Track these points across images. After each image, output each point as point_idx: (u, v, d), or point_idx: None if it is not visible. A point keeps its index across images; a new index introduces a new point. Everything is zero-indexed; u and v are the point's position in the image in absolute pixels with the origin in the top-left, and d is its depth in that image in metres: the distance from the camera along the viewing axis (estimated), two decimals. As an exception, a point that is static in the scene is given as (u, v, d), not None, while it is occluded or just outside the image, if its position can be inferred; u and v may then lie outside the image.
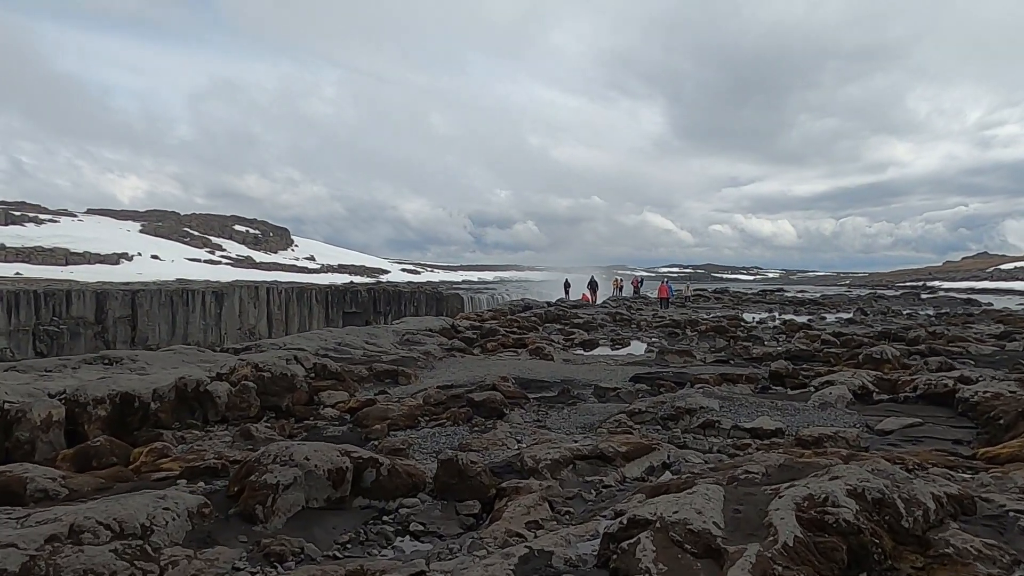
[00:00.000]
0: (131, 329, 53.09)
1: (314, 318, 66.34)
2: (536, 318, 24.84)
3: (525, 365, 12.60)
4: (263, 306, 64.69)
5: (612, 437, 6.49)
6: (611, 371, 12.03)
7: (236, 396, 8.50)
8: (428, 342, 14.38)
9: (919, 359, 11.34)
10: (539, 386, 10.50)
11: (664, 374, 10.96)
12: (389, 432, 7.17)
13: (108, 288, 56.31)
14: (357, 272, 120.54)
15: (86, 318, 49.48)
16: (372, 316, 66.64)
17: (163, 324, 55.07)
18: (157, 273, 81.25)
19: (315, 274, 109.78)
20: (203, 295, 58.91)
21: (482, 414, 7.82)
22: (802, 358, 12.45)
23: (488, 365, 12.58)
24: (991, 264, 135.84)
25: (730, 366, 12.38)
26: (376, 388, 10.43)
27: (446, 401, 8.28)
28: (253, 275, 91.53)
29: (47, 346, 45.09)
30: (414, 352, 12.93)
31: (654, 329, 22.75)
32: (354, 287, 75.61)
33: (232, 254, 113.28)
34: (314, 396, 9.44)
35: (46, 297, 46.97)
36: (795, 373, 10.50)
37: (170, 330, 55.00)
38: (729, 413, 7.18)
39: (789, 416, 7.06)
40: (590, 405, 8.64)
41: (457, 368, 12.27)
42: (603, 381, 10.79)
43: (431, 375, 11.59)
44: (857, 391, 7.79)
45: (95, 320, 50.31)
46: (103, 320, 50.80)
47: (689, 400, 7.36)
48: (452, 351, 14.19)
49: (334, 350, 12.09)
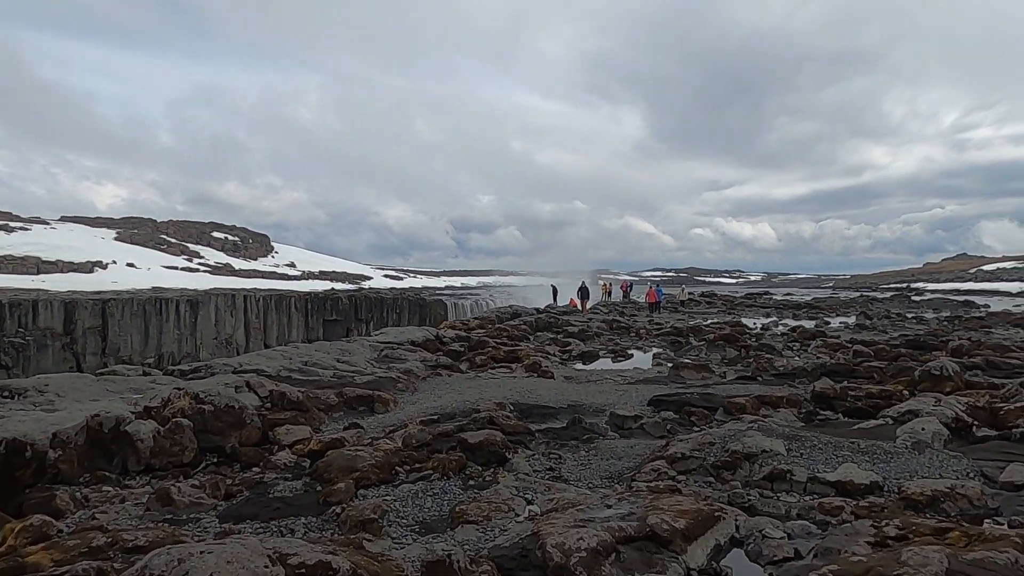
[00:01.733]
0: (101, 340, 50.85)
1: (293, 326, 64.30)
2: (527, 327, 23.15)
3: (523, 385, 10.89)
4: (240, 315, 62.46)
5: (659, 500, 4.79)
6: (623, 392, 10.36)
7: (165, 438, 6.71)
8: (410, 358, 12.62)
9: (980, 374, 9.79)
10: (543, 414, 8.80)
11: (688, 396, 9.30)
12: (357, 491, 5.43)
13: (77, 297, 53.92)
14: (339, 278, 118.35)
15: (54, 329, 47.09)
16: (353, 324, 64.80)
17: (135, 334, 52.85)
18: (132, 281, 78.79)
19: (296, 281, 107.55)
20: (177, 304, 56.63)
21: (478, 460, 6.11)
22: (840, 374, 10.84)
23: (480, 386, 10.86)
24: (972, 265, 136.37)
25: (759, 384, 10.75)
26: (347, 418, 8.67)
27: (432, 442, 6.53)
28: (232, 282, 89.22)
29: (12, 359, 42.78)
30: (393, 371, 11.16)
31: (654, 338, 21.15)
32: (335, 294, 73.57)
33: (210, 261, 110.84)
34: (269, 433, 7.67)
35: (11, 307, 44.52)
36: (843, 394, 8.88)
37: (143, 340, 52.80)
38: (800, 458, 5.52)
39: (878, 462, 5.42)
40: (611, 443, 6.95)
41: (444, 390, 10.54)
42: (618, 406, 9.11)
43: (413, 400, 9.85)
44: (951, 424, 6.19)
45: (63, 331, 47.93)
46: (72, 331, 48.52)
47: (746, 441, 5.69)
48: (437, 368, 12.42)
49: (299, 371, 10.31)
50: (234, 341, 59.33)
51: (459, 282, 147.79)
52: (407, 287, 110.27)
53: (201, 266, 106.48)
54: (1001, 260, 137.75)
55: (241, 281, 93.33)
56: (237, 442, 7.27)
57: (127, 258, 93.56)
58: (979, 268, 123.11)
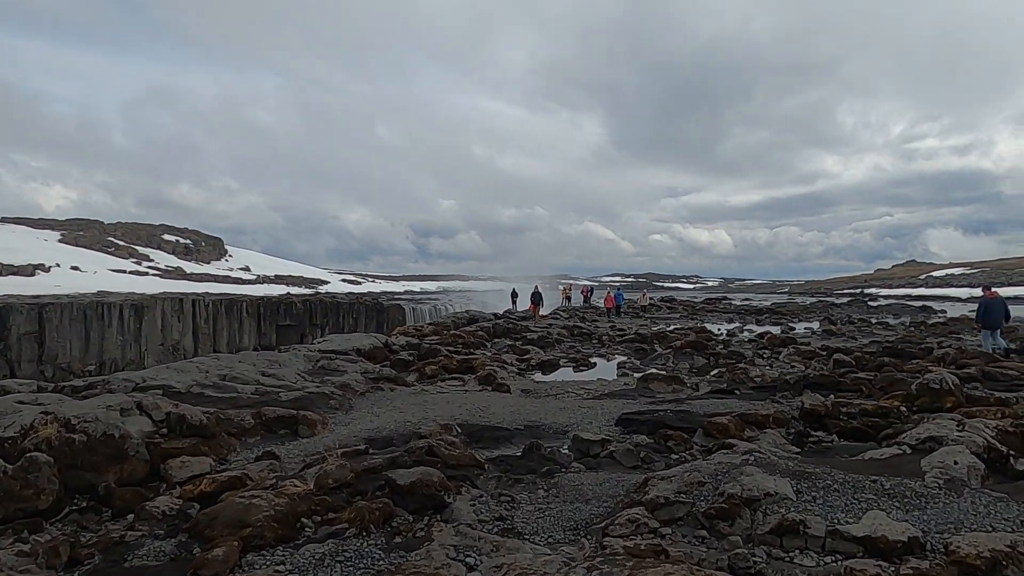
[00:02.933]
0: (38, 347, 48.00)
1: (245, 332, 61.85)
2: (483, 333, 21.91)
3: (474, 401, 9.62)
4: (188, 320, 59.77)
5: (642, 568, 3.60)
6: (587, 409, 9.17)
7: (14, 478, 5.29)
8: (349, 370, 11.25)
9: (979, 387, 8.86)
10: (495, 437, 7.57)
11: (661, 414, 8.16)
12: (243, 556, 4.12)
13: (11, 302, 50.90)
14: (295, 283, 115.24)
15: (-15, 336, 44.27)
16: (308, 329, 62.68)
17: (75, 341, 50.07)
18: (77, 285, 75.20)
19: (250, 285, 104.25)
20: (121, 309, 53.89)
21: (410, 506, 4.84)
22: (825, 386, 9.84)
23: (426, 402, 9.56)
24: (922, 271, 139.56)
25: (737, 398, 9.67)
26: (264, 445, 7.31)
27: (354, 482, 5.23)
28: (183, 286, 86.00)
29: (-63, 369, 39.97)
30: (327, 386, 9.79)
31: (618, 345, 20.10)
32: (289, 299, 71.18)
33: (161, 265, 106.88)
34: (160, 466, 6.28)
35: (-64, 314, 41.67)
36: (835, 411, 7.85)
37: (83, 347, 50.05)
38: (813, 503, 4.40)
39: (911, 508, 4.33)
40: (576, 477, 5.73)
41: (384, 408, 9.21)
42: (582, 427, 7.94)
43: (347, 420, 8.51)
44: (983, 454, 5.16)
45: (-5, 337, 45.09)
46: (6, 337, 45.65)
47: (745, 481, 4.54)
48: (379, 381, 11.04)
49: (214, 387, 8.88)
50: (182, 347, 56.74)
51: (419, 287, 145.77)
52: (365, 292, 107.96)
53: (151, 269, 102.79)
54: (949, 266, 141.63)
55: (193, 285, 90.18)
56: (115, 480, 5.87)
57: (72, 261, 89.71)
58: (929, 274, 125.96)
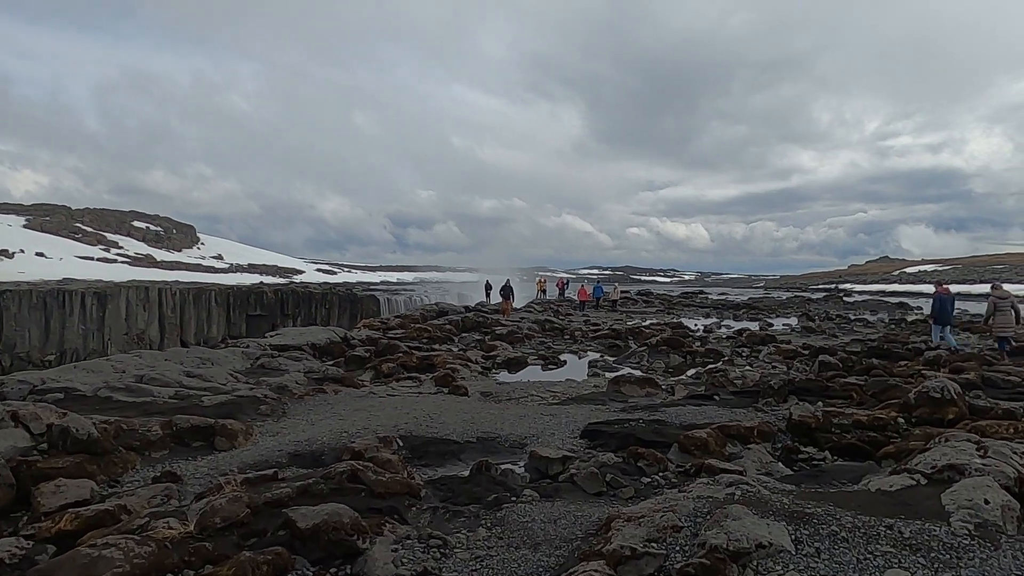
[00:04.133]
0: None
1: (213, 322, 60.31)
2: (452, 327, 20.90)
3: (426, 407, 8.61)
4: (155, 309, 58.09)
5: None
6: (550, 416, 8.20)
7: None
8: (291, 369, 10.18)
9: (981, 395, 8.05)
10: (442, 452, 6.58)
11: (632, 425, 7.23)
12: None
13: (-33, 288, 48.99)
14: (269, 272, 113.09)
15: (-60, 323, 42.51)
16: (279, 319, 61.31)
17: (34, 329, 48.40)
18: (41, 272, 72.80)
19: (222, 274, 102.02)
20: (83, 296, 52.09)
21: (313, 555, 3.85)
22: (812, 392, 8.98)
23: (371, 408, 8.53)
24: (895, 268, 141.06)
25: (716, 404, 8.78)
26: (172, 460, 6.25)
27: (248, 520, 4.23)
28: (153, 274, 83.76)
29: None
30: (262, 388, 8.71)
31: (591, 341, 19.21)
32: (259, 288, 69.59)
33: (130, 252, 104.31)
34: (33, 490, 5.23)
35: None
36: (826, 423, 6.98)
37: (43, 336, 48.41)
38: (818, 558, 3.49)
39: (941, 567, 3.42)
40: (527, 510, 4.78)
41: (322, 415, 8.17)
42: (542, 439, 6.99)
43: (276, 429, 7.46)
44: (1014, 487, 4.28)
45: (-50, 326, 43.34)
46: (-38, 325, 43.96)
47: (730, 527, 3.62)
48: (324, 382, 9.93)
49: (127, 389, 7.78)
50: (147, 337, 55.14)
51: (395, 277, 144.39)
52: (341, 282, 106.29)
53: (119, 257, 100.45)
54: (921, 263, 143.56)
55: (163, 273, 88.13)
56: (-35, 511, 4.81)
57: (37, 247, 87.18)
58: (902, 270, 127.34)
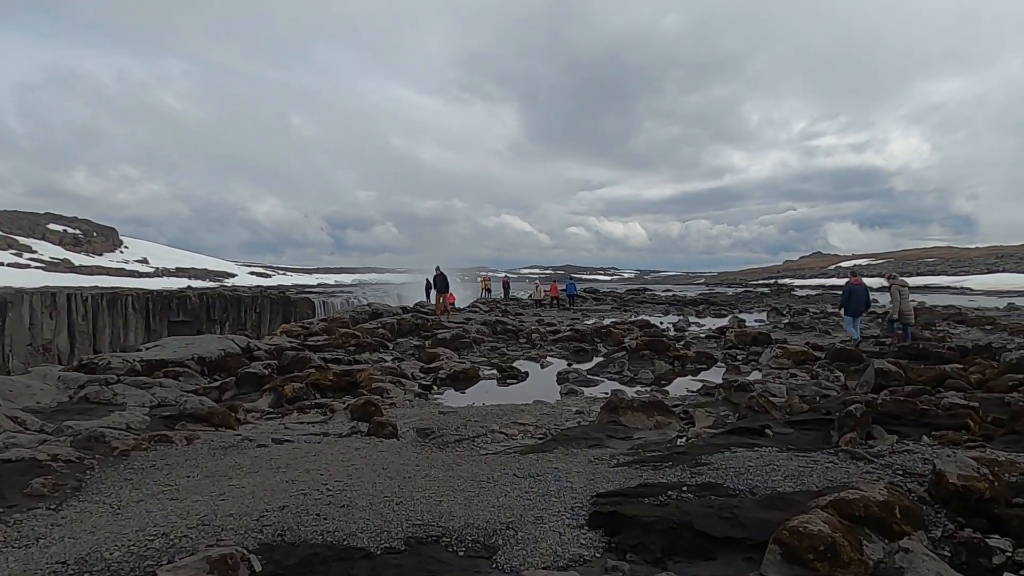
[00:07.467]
0: None
1: (131, 329, 55.13)
2: (386, 330, 17.60)
3: (329, 464, 5.37)
4: (63, 316, 52.60)
5: None
6: (528, 480, 5.01)
7: None
8: (131, 403, 6.78)
9: None
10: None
11: (674, 497, 4.21)
12: None
13: None
14: (199, 276, 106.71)
15: None
16: (205, 325, 56.63)
17: (-81, 343, 43.00)
18: (-57, 279, 66.13)
19: (148, 278, 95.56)
20: (-22, 304, 46.47)
21: None
22: (901, 418, 6.12)
23: (237, 470, 5.24)
24: (829, 263, 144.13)
25: (770, 441, 5.80)
26: None
27: None
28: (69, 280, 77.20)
29: None
30: (57, 440, 5.32)
31: (551, 344, 16.22)
32: (182, 293, 64.38)
33: (45, 257, 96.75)
34: None
35: None
36: (1001, 489, 4.10)
37: (-68, 348, 43.04)
38: None
39: None
40: None
41: (145, 489, 4.83)
42: (522, 536, 3.88)
43: (47, 524, 4.14)
44: None
45: None
46: None
47: None
48: (177, 421, 6.47)
49: None
50: (54, 347, 49.84)
51: (333, 279, 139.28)
52: (275, 285, 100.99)
53: (33, 261, 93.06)
54: (853, 257, 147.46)
55: (81, 279, 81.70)
56: None
57: (-61, 252, 79.76)
58: (837, 265, 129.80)
